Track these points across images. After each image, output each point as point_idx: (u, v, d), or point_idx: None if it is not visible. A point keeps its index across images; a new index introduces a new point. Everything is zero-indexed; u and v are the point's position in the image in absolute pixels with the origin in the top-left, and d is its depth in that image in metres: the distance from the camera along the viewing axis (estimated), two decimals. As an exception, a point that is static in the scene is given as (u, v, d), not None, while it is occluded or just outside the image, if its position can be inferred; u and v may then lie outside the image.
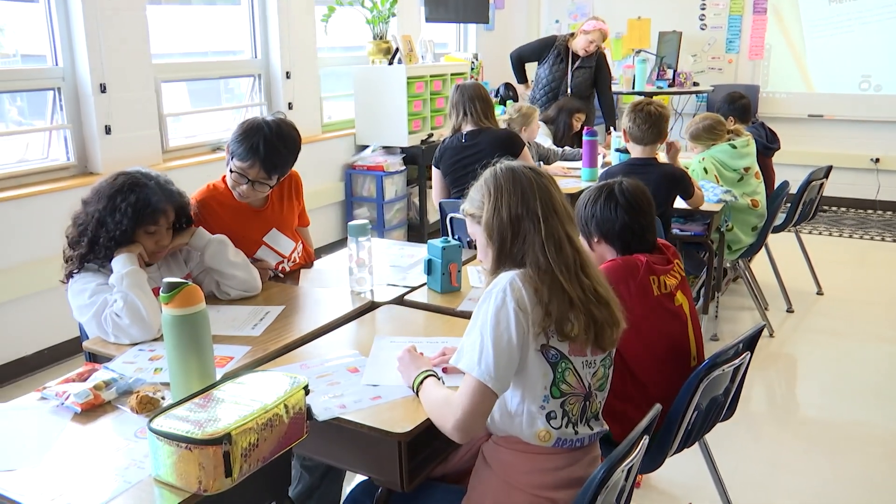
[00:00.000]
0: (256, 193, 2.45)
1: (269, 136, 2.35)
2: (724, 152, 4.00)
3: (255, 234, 2.53)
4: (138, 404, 1.63)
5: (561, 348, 1.55)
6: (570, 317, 1.52)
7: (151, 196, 2.09)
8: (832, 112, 6.88)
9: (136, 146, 4.01)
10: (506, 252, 1.58)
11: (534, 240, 1.55)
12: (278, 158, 2.38)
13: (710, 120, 4.12)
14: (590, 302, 1.55)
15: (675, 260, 2.22)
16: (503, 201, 1.58)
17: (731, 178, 3.98)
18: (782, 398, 3.57)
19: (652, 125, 3.36)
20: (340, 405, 1.65)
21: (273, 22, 4.87)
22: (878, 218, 6.66)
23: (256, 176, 2.38)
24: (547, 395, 1.55)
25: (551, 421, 1.57)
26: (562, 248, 1.56)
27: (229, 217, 2.46)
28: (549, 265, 1.53)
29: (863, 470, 2.85)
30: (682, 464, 2.45)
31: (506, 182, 1.60)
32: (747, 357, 2.12)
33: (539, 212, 1.56)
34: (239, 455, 1.34)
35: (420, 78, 5.40)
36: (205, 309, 1.64)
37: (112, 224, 2.05)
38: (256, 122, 2.39)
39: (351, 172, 5.36)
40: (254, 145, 2.33)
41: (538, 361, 1.54)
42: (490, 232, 1.60)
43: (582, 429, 1.61)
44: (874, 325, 4.25)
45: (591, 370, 1.60)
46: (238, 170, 2.38)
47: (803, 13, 6.88)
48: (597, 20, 5.36)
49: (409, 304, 2.32)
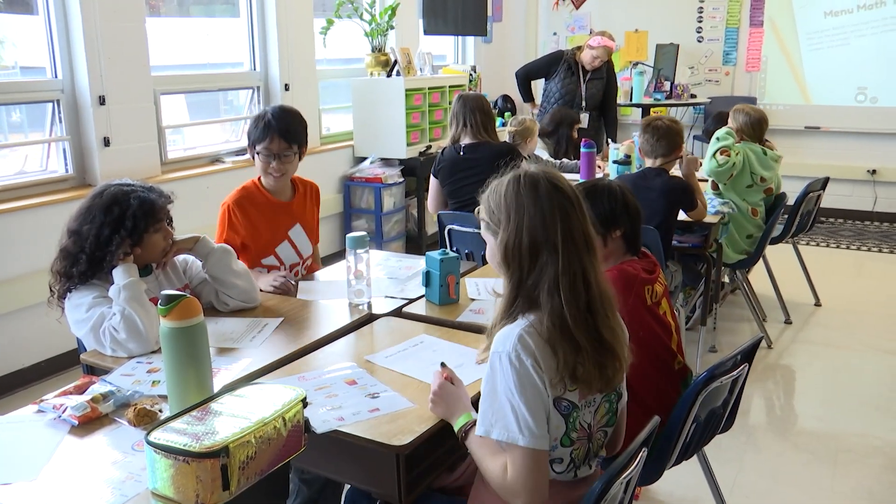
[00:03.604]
0: (286, 167, 2.69)
1: (275, 111, 2.68)
2: (755, 153, 4.01)
3: (282, 227, 2.75)
4: (136, 417, 1.63)
5: (572, 398, 1.51)
6: (578, 360, 1.48)
7: (147, 195, 2.11)
8: (829, 124, 6.90)
9: (135, 158, 4.02)
10: (523, 283, 1.52)
11: (549, 272, 1.49)
12: (290, 125, 2.67)
13: (760, 115, 4.12)
14: (596, 344, 1.50)
15: (657, 267, 2.24)
16: (525, 224, 1.50)
17: (745, 180, 3.98)
18: (781, 410, 3.57)
19: (660, 138, 3.43)
20: (339, 417, 1.65)
21: (272, 34, 4.89)
22: (874, 229, 6.68)
23: (279, 148, 2.64)
24: (556, 445, 1.52)
25: (555, 465, 1.55)
26: (574, 286, 1.48)
27: (260, 212, 2.70)
28: (560, 306, 1.47)
29: (863, 482, 2.85)
30: (681, 476, 2.44)
31: (528, 201, 1.51)
32: (745, 369, 2.12)
33: (558, 242, 1.49)
34: (237, 468, 1.34)
35: (418, 90, 5.42)
36: (203, 321, 1.64)
37: (123, 233, 2.05)
38: (260, 111, 2.74)
39: (349, 184, 5.37)
40: (266, 122, 2.64)
41: (554, 415, 1.50)
42: (507, 257, 1.53)
43: (582, 470, 1.60)
44: (872, 336, 4.25)
45: (591, 409, 1.56)
46: (262, 150, 2.64)
47: (799, 26, 6.92)
48: (603, 36, 5.36)
49: (407, 316, 2.31)
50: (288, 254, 2.78)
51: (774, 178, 4.11)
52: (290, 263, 2.79)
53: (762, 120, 4.12)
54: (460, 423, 1.59)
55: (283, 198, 2.77)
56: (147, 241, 2.12)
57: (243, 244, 2.66)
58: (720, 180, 3.96)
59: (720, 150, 3.86)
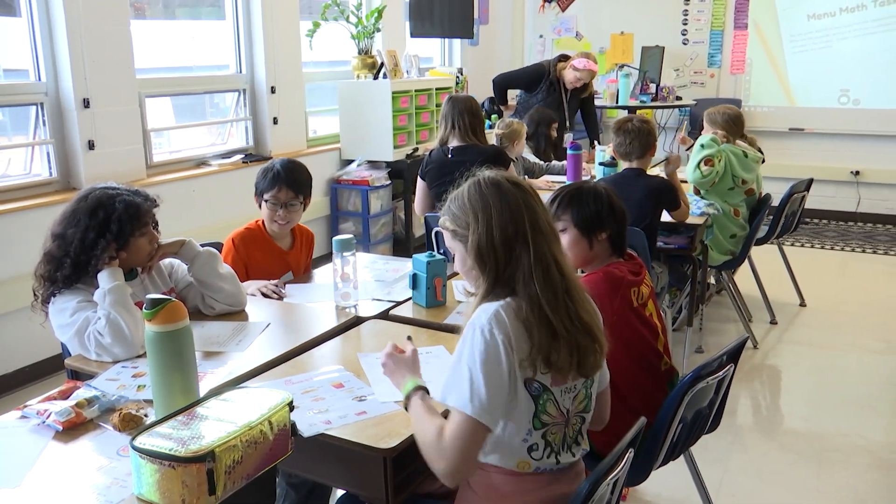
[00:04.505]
0: (292, 216, 2.80)
1: (284, 163, 2.80)
2: (736, 156, 4.03)
3: (276, 272, 2.80)
4: (121, 422, 1.62)
5: (544, 381, 1.52)
6: (554, 347, 1.49)
7: (133, 199, 2.10)
8: (812, 125, 6.96)
9: (120, 161, 4.00)
10: (500, 277, 1.53)
11: (523, 263, 1.51)
12: (298, 176, 2.80)
13: (736, 111, 4.15)
14: (575, 330, 1.51)
15: (643, 269, 2.24)
16: (494, 222, 1.52)
17: (727, 183, 4.00)
18: (767, 410, 3.59)
19: (633, 139, 3.42)
20: (325, 421, 1.64)
21: (258, 37, 4.88)
22: (858, 230, 6.73)
23: (286, 197, 2.76)
24: (530, 427, 1.53)
25: (532, 453, 1.56)
26: (549, 272, 1.51)
27: (260, 253, 2.80)
28: (536, 293, 1.49)
29: (848, 481, 2.87)
30: (668, 476, 2.45)
31: (493, 199, 1.54)
32: (731, 369, 2.13)
33: (528, 232, 1.52)
34: (223, 472, 1.33)
35: (405, 93, 5.42)
36: (188, 325, 1.63)
37: (108, 237, 2.04)
38: (268, 162, 2.86)
39: (336, 187, 5.36)
40: (275, 174, 2.76)
41: (524, 395, 1.51)
42: (481, 256, 1.54)
43: (564, 456, 1.60)
44: (857, 336, 4.28)
45: (570, 395, 1.57)
46: (270, 199, 2.76)
47: (783, 28, 6.97)
48: (588, 59, 5.36)
49: (395, 319, 2.31)
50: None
51: (755, 180, 4.13)
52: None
53: (739, 115, 4.16)
54: (407, 387, 1.60)
55: (283, 245, 2.86)
56: (132, 245, 2.11)
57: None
58: (703, 188, 3.99)
59: (705, 159, 3.88)
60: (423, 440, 1.50)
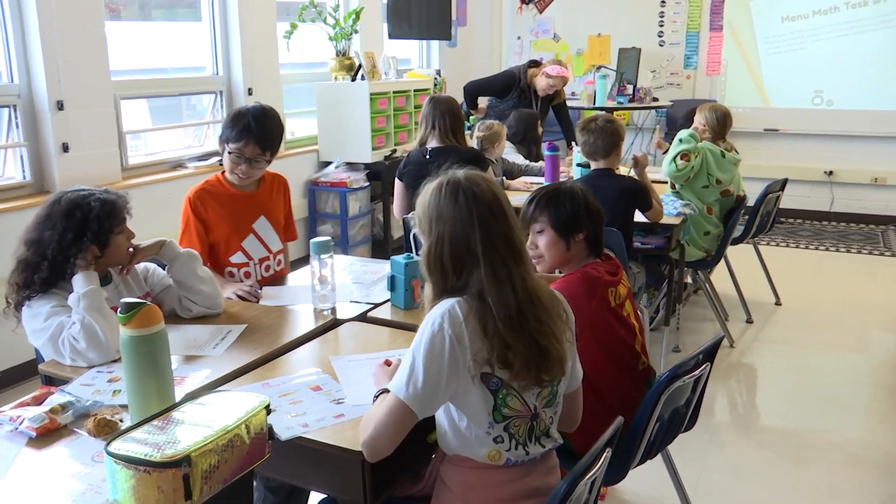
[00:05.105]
0: (254, 172, 2.65)
1: (257, 116, 2.60)
2: (714, 155, 4.06)
3: (245, 220, 2.71)
4: (96, 427, 1.60)
5: (502, 376, 1.53)
6: (508, 356, 1.50)
7: (107, 196, 2.09)
8: (787, 126, 7.04)
9: (95, 164, 3.96)
10: (448, 288, 1.55)
11: (475, 279, 1.52)
12: (268, 133, 2.62)
13: (725, 112, 4.18)
14: (530, 346, 1.51)
15: (620, 269, 2.26)
16: (445, 235, 1.53)
17: (701, 181, 4.04)
18: (744, 408, 3.62)
19: (597, 138, 3.42)
20: (303, 424, 1.64)
21: (235, 38, 4.85)
22: (832, 229, 6.82)
23: (252, 153, 2.60)
24: (491, 420, 1.54)
25: (499, 444, 1.57)
26: (502, 291, 1.51)
27: (222, 204, 2.66)
28: (490, 309, 1.50)
29: (824, 478, 2.90)
30: (646, 475, 2.47)
31: (447, 212, 1.53)
32: (707, 368, 2.15)
33: (478, 251, 1.51)
34: (199, 477, 1.32)
35: (383, 94, 5.41)
36: (164, 329, 1.62)
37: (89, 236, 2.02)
38: (242, 107, 2.66)
39: (314, 189, 5.34)
40: (245, 125, 2.57)
41: (479, 389, 1.52)
42: (429, 265, 1.56)
43: (533, 448, 1.61)
44: (831, 334, 4.34)
45: (535, 391, 1.58)
46: (235, 151, 2.59)
47: (758, 30, 7.05)
48: (561, 66, 5.38)
49: (373, 321, 2.31)
50: (255, 248, 2.73)
51: (733, 181, 4.17)
52: (258, 258, 2.74)
53: (727, 116, 4.21)
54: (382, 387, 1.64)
55: (246, 190, 2.72)
56: (112, 243, 2.10)
57: (210, 243, 2.65)
58: (678, 182, 4.02)
59: (681, 154, 3.91)
60: (364, 416, 1.59)
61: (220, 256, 2.69)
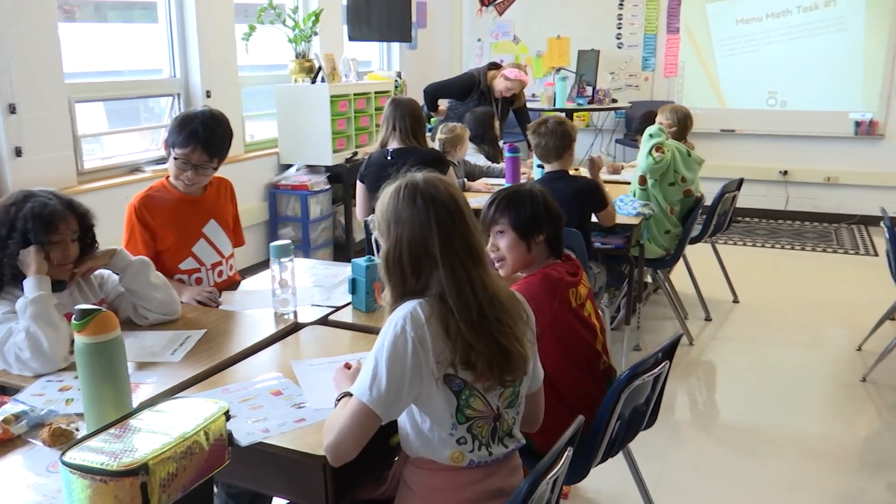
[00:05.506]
0: (200, 178, 2.60)
1: (205, 121, 2.54)
2: (680, 153, 4.13)
3: (195, 225, 2.65)
4: (51, 437, 1.57)
5: (465, 377, 1.54)
6: (471, 357, 1.51)
7: (48, 202, 2.03)
8: (743, 127, 7.18)
9: (49, 168, 3.88)
10: (408, 291, 1.56)
11: (434, 282, 1.53)
12: (217, 139, 2.56)
13: (686, 112, 4.29)
14: (492, 346, 1.53)
15: (580, 270, 2.28)
16: (404, 238, 1.54)
17: (669, 177, 4.10)
18: (703, 405, 3.68)
19: (548, 140, 3.44)
20: (264, 429, 1.63)
21: (192, 40, 4.79)
22: (787, 227, 6.96)
23: (199, 160, 2.54)
24: (454, 421, 1.55)
25: (462, 445, 1.58)
26: (461, 294, 1.51)
27: (169, 209, 2.60)
28: (452, 312, 1.51)
29: (782, 472, 2.96)
30: (608, 473, 2.49)
31: (405, 214, 1.54)
32: (666, 366, 2.18)
33: (437, 254, 1.52)
34: (157, 485, 1.31)
35: (343, 96, 5.39)
36: (120, 336, 1.59)
37: (16, 238, 1.98)
38: (190, 112, 2.59)
39: (275, 192, 5.30)
40: (192, 131, 2.50)
41: (442, 391, 1.53)
42: (388, 268, 1.56)
43: (496, 448, 1.62)
44: (787, 331, 4.43)
45: (497, 391, 1.59)
46: (181, 157, 2.53)
47: (713, 32, 7.17)
48: (520, 70, 5.40)
49: (334, 325, 2.30)
50: (206, 253, 2.69)
51: (694, 181, 4.25)
52: (211, 263, 2.70)
53: (688, 116, 4.32)
54: (344, 391, 1.64)
55: (193, 194, 2.66)
56: (45, 251, 2.02)
57: (158, 250, 2.59)
58: (653, 176, 4.07)
59: (656, 146, 3.97)
60: (327, 420, 1.58)
61: (168, 263, 2.60)
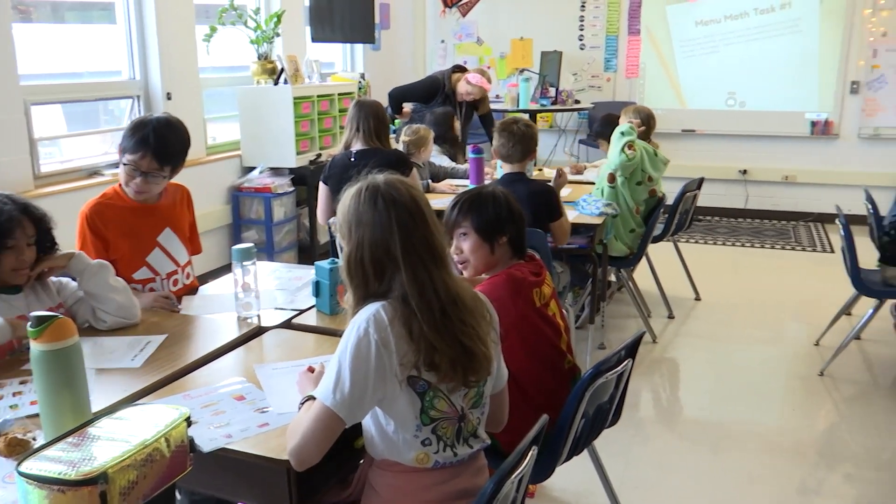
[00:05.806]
0: (151, 187, 2.51)
1: (158, 127, 2.45)
2: (647, 152, 4.19)
3: (149, 234, 2.58)
4: (6, 447, 1.54)
5: (429, 378, 1.54)
6: (434, 358, 1.51)
7: (2, 206, 2.00)
8: (703, 127, 7.29)
9: (4, 172, 3.79)
10: (371, 294, 1.56)
11: (396, 284, 1.53)
12: (168, 147, 2.47)
13: (650, 113, 4.38)
14: (455, 347, 1.53)
15: (543, 269, 2.29)
16: (365, 241, 1.54)
17: (637, 176, 4.16)
18: (667, 401, 3.73)
19: (516, 143, 3.45)
20: (226, 435, 1.61)
21: (152, 41, 4.72)
22: (747, 226, 7.08)
23: (149, 167, 2.45)
24: (418, 423, 1.55)
25: (427, 447, 1.58)
26: (424, 296, 1.52)
27: (123, 218, 2.52)
28: (415, 313, 1.51)
29: (744, 465, 3.01)
30: (573, 471, 2.51)
31: (366, 217, 1.54)
32: (629, 364, 2.21)
33: (399, 256, 1.52)
34: (117, 494, 1.29)
35: (307, 98, 5.36)
36: (78, 342, 1.56)
37: None
38: (145, 117, 2.50)
39: (238, 195, 5.24)
40: (143, 136, 2.42)
41: (406, 393, 1.53)
42: (350, 270, 1.56)
43: (461, 449, 1.62)
44: (747, 328, 4.50)
45: (461, 392, 1.60)
46: (130, 163, 2.45)
47: (673, 34, 7.27)
48: (483, 76, 5.42)
49: (298, 328, 2.29)
50: (161, 262, 2.62)
51: (658, 182, 4.31)
52: (166, 272, 2.63)
53: (651, 117, 4.41)
54: (307, 395, 1.63)
55: (148, 202, 2.59)
56: None
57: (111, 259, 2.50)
58: (625, 173, 4.11)
59: (627, 144, 4.03)
60: (290, 424, 1.57)
61: (121, 273, 2.47)
